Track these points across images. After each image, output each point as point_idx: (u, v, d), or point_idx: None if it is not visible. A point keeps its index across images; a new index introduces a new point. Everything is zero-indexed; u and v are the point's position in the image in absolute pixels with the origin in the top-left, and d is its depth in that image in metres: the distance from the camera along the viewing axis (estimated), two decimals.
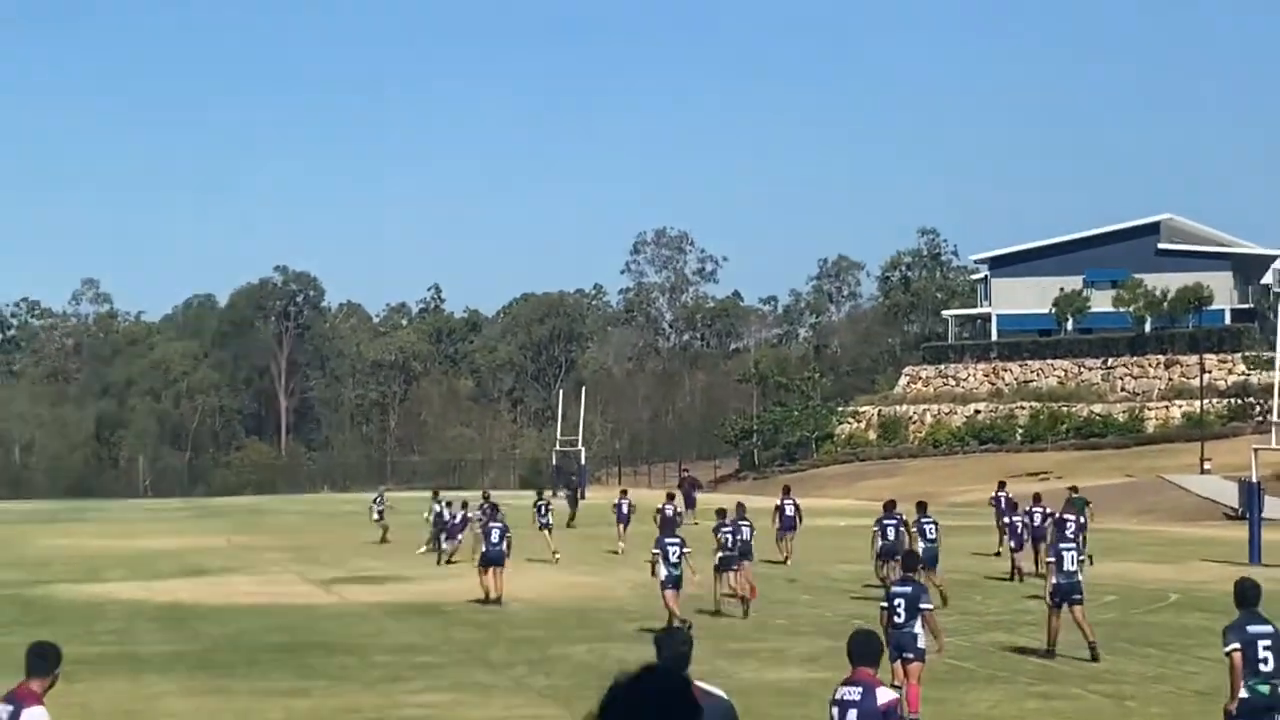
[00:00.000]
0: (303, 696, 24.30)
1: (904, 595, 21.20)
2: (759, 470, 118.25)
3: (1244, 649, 15.78)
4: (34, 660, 12.15)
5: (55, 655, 12.31)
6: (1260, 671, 15.69)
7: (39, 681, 12.05)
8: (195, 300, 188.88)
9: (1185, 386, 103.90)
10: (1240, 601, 16.31)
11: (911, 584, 21.43)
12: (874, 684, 12.30)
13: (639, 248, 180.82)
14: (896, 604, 21.13)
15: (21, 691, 11.94)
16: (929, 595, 21.59)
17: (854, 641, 12.74)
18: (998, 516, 49.36)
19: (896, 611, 21.02)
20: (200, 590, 41.49)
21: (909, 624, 20.90)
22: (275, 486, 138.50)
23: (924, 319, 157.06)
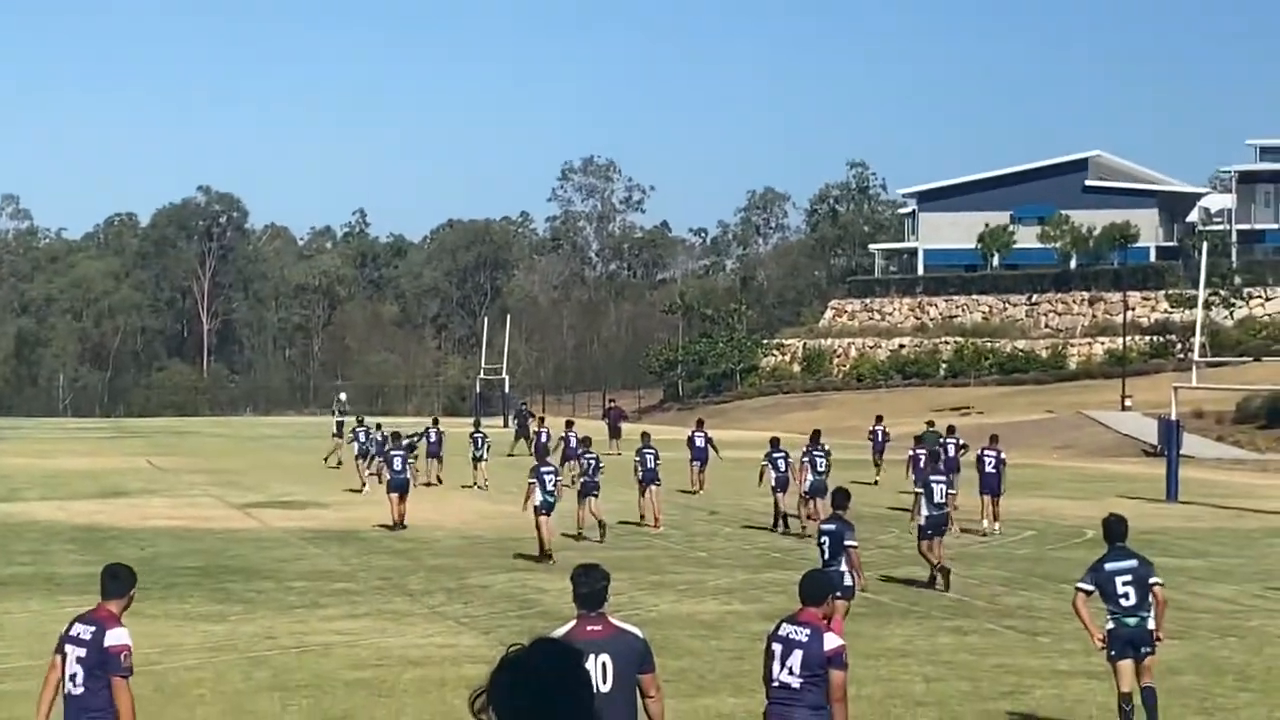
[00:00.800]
0: (219, 621, 24.20)
1: (829, 533, 21.49)
2: (683, 401, 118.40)
3: (1100, 587, 16.42)
4: (109, 582, 12.34)
5: (130, 576, 12.49)
6: (1123, 605, 16.31)
7: (116, 602, 12.26)
8: (117, 219, 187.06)
9: (1108, 323, 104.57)
10: (1107, 537, 16.91)
11: (838, 521, 21.63)
12: (821, 627, 12.21)
13: (566, 175, 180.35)
14: (822, 541, 21.42)
15: (101, 613, 12.14)
16: (854, 533, 21.66)
17: (805, 581, 12.64)
18: (874, 450, 54.09)
19: (822, 549, 21.29)
20: (118, 512, 41.22)
21: (834, 562, 21.10)
22: (197, 409, 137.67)
23: (851, 252, 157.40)
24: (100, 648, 11.85)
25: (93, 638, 11.91)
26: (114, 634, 11.90)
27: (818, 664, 11.96)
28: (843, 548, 21.06)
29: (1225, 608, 26.49)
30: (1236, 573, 31.16)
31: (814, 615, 12.24)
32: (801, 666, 11.98)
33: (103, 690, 11.88)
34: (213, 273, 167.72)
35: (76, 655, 11.94)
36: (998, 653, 22.02)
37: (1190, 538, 37.59)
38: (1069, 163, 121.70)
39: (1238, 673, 20.71)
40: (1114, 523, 17.08)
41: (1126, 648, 16.40)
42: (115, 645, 11.87)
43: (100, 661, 11.84)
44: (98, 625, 12.00)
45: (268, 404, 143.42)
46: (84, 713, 11.98)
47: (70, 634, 12.14)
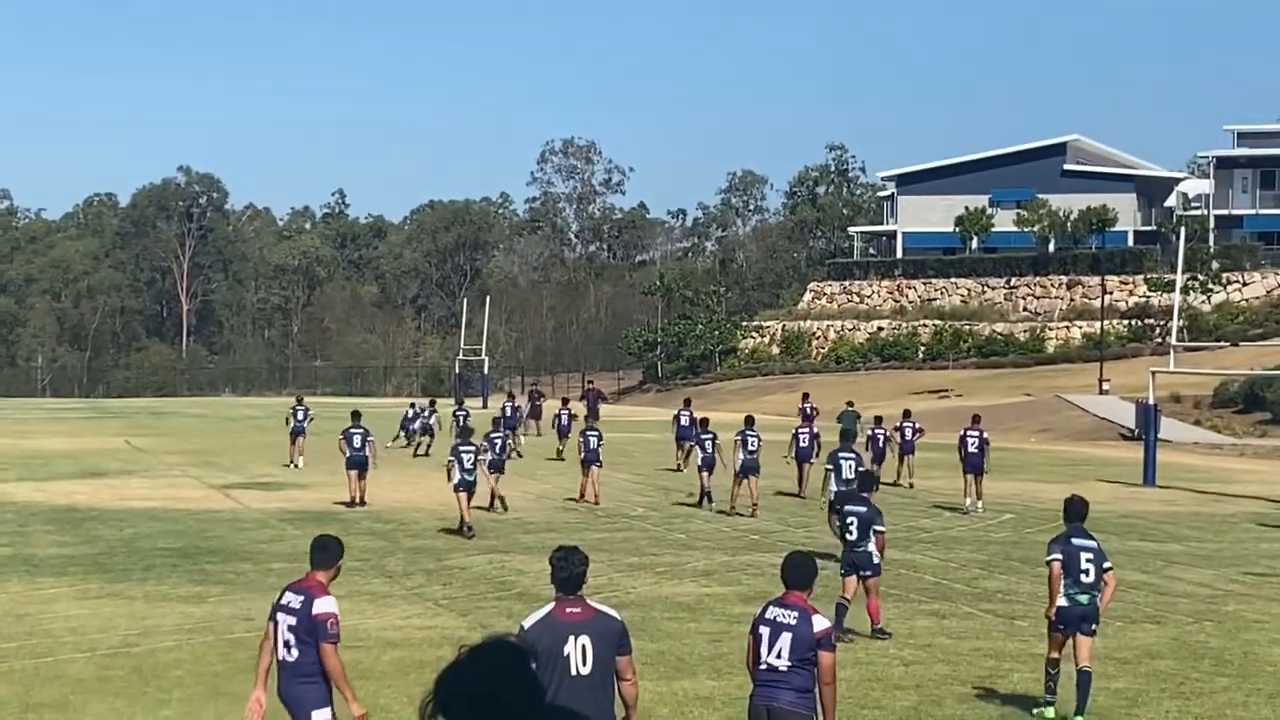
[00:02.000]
0: (198, 602, 24.17)
1: (858, 515, 21.98)
2: (662, 383, 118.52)
3: (1066, 560, 17.03)
4: (318, 553, 12.92)
5: (338, 548, 13.02)
6: (1081, 582, 17.00)
7: (324, 573, 12.82)
8: (96, 199, 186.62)
9: (1086, 307, 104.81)
10: (1068, 516, 17.53)
11: (867, 504, 22.17)
12: (809, 610, 12.23)
13: (546, 157, 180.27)
14: (850, 522, 21.89)
15: (309, 582, 12.71)
16: (882, 519, 22.30)
17: (788, 565, 12.66)
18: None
19: (850, 529, 21.82)
20: (97, 492, 41.13)
21: (862, 542, 21.76)
22: (176, 389, 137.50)
23: (830, 235, 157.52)
24: (309, 615, 12.41)
25: (302, 606, 12.47)
26: (321, 602, 12.46)
27: (807, 646, 11.99)
28: (871, 530, 21.76)
29: (1203, 592, 26.57)
30: (1214, 557, 31.25)
31: (800, 598, 12.27)
32: (790, 649, 12.02)
33: (313, 655, 12.44)
34: (192, 253, 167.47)
35: (288, 623, 12.50)
36: (976, 636, 22.08)
37: (1168, 522, 37.69)
38: (1047, 147, 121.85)
39: (1215, 657, 20.78)
40: (1077, 503, 17.69)
41: (1073, 624, 17.05)
42: (323, 613, 12.42)
43: (309, 628, 12.39)
44: (306, 594, 12.54)
45: (247, 384, 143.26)
46: (296, 677, 12.53)
47: (281, 603, 12.72)
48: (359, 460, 38.36)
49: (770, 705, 12.13)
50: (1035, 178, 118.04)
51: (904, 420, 47.65)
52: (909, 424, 47.14)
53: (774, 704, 12.12)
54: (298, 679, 12.48)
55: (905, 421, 47.36)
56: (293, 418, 51.77)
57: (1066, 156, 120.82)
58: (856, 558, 21.79)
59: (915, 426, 47.31)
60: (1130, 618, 23.62)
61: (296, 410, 52.10)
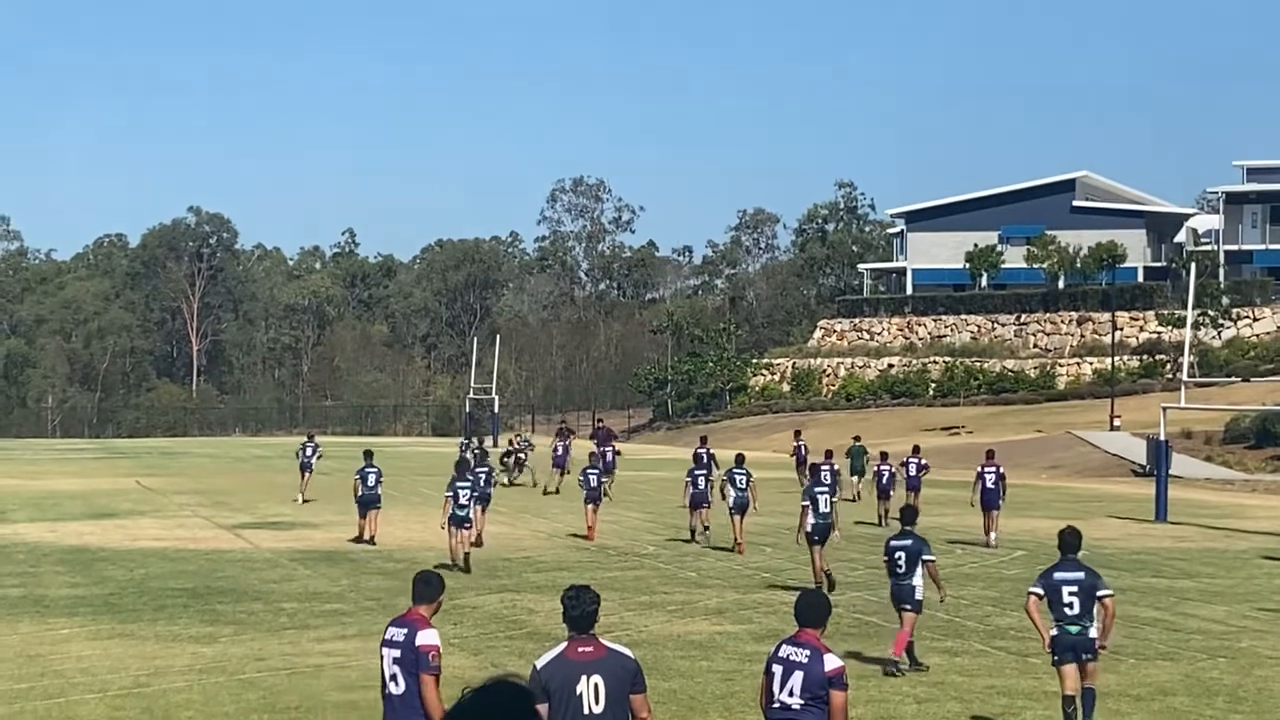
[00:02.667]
0: (209, 642, 24.14)
1: (904, 549, 22.09)
2: (672, 421, 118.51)
3: (1048, 594, 17.47)
4: (420, 588, 12.99)
5: (439, 583, 13.09)
6: (1065, 614, 17.34)
7: (426, 607, 12.91)
8: (107, 239, 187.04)
9: (1097, 344, 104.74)
10: (1060, 547, 17.93)
11: (912, 537, 22.28)
12: (821, 649, 12.18)
13: (556, 196, 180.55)
14: (898, 557, 22.02)
15: (413, 615, 12.81)
16: (929, 548, 22.43)
17: (802, 602, 12.59)
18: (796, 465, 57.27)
19: (898, 564, 21.95)
20: (108, 533, 41.13)
21: (908, 576, 21.89)
22: (186, 429, 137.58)
23: (840, 272, 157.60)
24: (413, 647, 12.58)
25: (405, 639, 12.64)
26: (424, 635, 12.61)
27: (818, 685, 11.95)
28: (920, 562, 21.85)
29: (1216, 629, 26.48)
30: (1226, 594, 31.15)
31: (813, 636, 12.22)
32: (802, 688, 11.97)
33: (418, 687, 12.61)
34: (202, 293, 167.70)
35: (392, 656, 12.68)
36: (989, 674, 22.01)
37: (1180, 558, 37.59)
38: (1057, 183, 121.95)
39: (1229, 694, 20.71)
40: (1067, 534, 18.03)
41: (1068, 653, 17.37)
42: (425, 644, 12.58)
43: (413, 660, 12.56)
44: (410, 627, 12.70)
45: (257, 424, 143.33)
46: (404, 709, 12.69)
47: (386, 638, 12.86)
48: (371, 498, 38.85)
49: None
50: (1045, 214, 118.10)
51: (911, 456, 48.30)
52: (915, 460, 47.72)
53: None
54: (405, 711, 12.67)
55: (912, 457, 48.04)
56: (302, 453, 52.34)
57: (1076, 193, 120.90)
58: (901, 591, 21.99)
59: (920, 463, 47.74)
60: (1143, 654, 23.54)
61: (306, 446, 52.66)
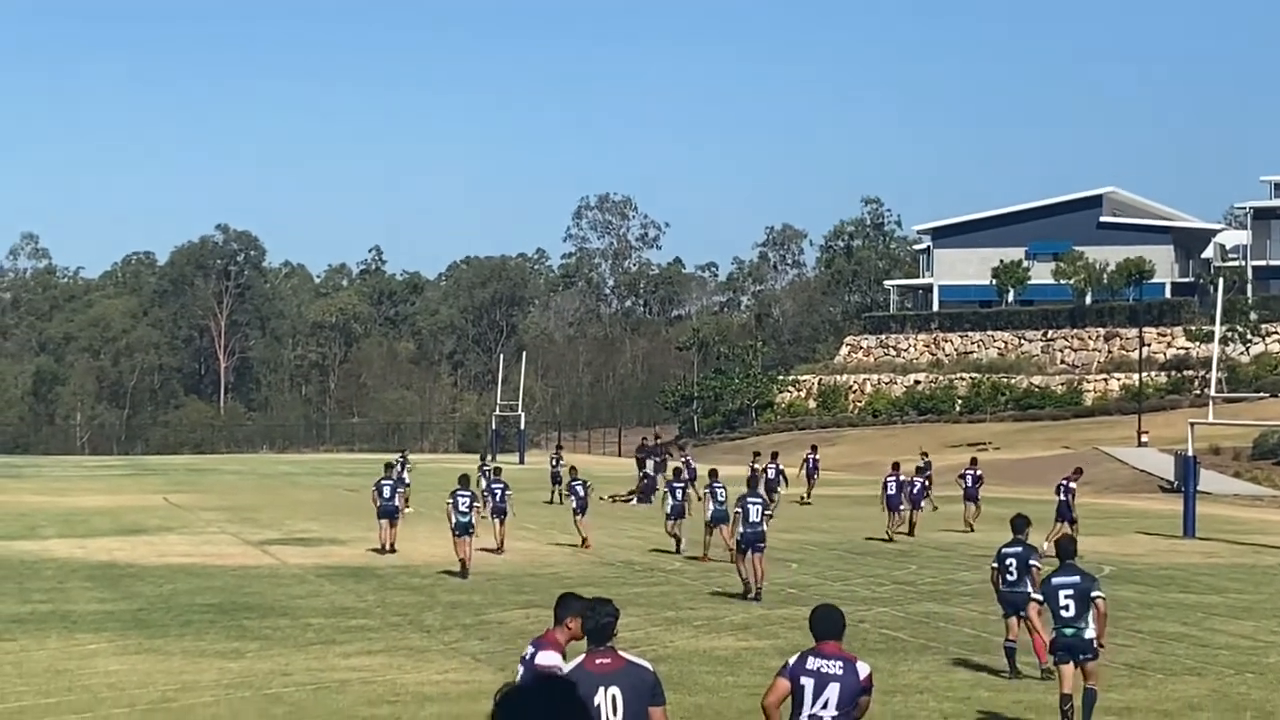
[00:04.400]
0: (236, 658, 24.20)
1: (1015, 555, 22.80)
2: (698, 437, 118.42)
3: (1047, 598, 18.77)
4: (558, 610, 12.72)
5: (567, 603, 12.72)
6: (1062, 617, 18.44)
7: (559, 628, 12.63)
8: (135, 257, 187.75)
9: (1124, 359, 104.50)
10: (1059, 555, 19.12)
11: (1021, 545, 22.96)
12: (851, 658, 12.26)
13: (581, 213, 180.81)
14: (1009, 564, 22.74)
15: (547, 636, 12.64)
16: (1038, 554, 23.05)
17: (820, 616, 12.55)
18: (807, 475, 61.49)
19: (1009, 570, 22.67)
20: (136, 549, 41.26)
21: (1020, 583, 22.43)
22: (214, 446, 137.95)
23: (866, 289, 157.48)
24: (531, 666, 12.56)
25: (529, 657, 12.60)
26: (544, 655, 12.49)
27: (854, 695, 12.05)
28: (1029, 568, 22.35)
29: (1244, 644, 26.39)
30: (1255, 609, 31.04)
31: (838, 647, 12.28)
32: (839, 700, 12.03)
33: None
34: (230, 311, 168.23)
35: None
36: (1015, 689, 21.96)
37: (1208, 574, 37.47)
38: (1083, 199, 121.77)
39: (1256, 709, 20.64)
40: (1065, 543, 19.50)
41: (1065, 654, 18.46)
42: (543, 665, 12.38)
43: None
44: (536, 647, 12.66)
45: (284, 441, 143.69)
46: None
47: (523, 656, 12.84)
48: (389, 510, 40.30)
49: None
50: (1071, 230, 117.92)
51: (968, 467, 49.97)
52: (971, 471, 49.34)
53: None
54: None
55: (969, 469, 49.68)
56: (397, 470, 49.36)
57: (1103, 208, 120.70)
58: (1015, 598, 22.35)
59: (977, 474, 49.46)
60: (1171, 670, 23.48)
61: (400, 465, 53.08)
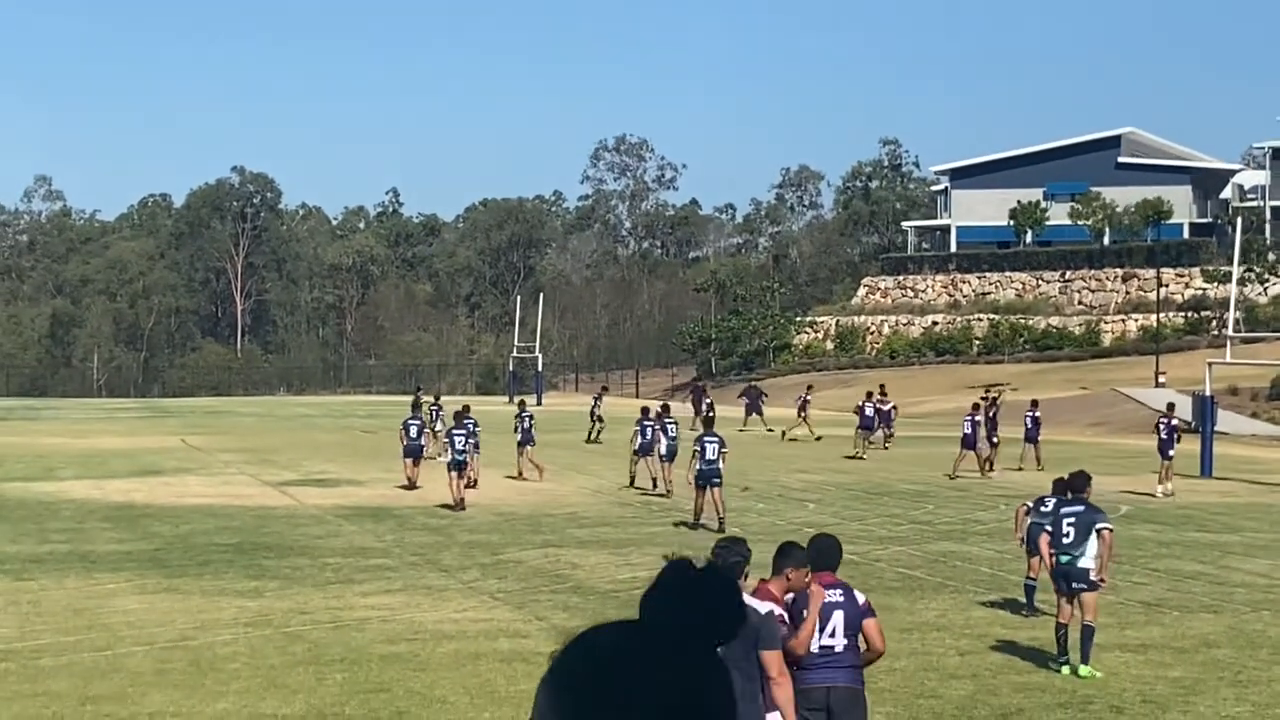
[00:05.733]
0: (254, 596, 24.29)
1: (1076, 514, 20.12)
2: (716, 379, 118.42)
3: (1053, 525, 19.57)
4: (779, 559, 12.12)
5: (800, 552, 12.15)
6: (1062, 544, 19.19)
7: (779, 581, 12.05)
8: (151, 200, 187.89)
9: (1142, 300, 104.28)
10: (1070, 488, 20.14)
11: (1084, 504, 20.49)
12: (850, 586, 12.38)
13: (599, 155, 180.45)
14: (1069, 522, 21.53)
15: (762, 589, 11.81)
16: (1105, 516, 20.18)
17: (821, 546, 12.51)
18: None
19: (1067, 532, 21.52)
20: (154, 490, 41.40)
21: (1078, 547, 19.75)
22: (231, 388, 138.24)
23: (884, 230, 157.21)
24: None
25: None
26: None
27: (858, 620, 12.12)
28: (1093, 530, 19.68)
29: (1261, 582, 26.39)
30: (1271, 547, 31.04)
31: (834, 578, 12.32)
32: (845, 627, 12.10)
33: None
34: (246, 253, 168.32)
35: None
36: (1032, 626, 21.99)
37: (1225, 513, 37.47)
38: (1101, 140, 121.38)
39: (1273, 646, 20.66)
40: (1075, 476, 20.24)
41: (1061, 581, 19.18)
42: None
43: None
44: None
45: (301, 383, 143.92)
46: None
47: None
48: (415, 449, 41.99)
49: (832, 686, 12.12)
50: (1089, 171, 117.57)
51: (1029, 410, 49.99)
52: (1031, 413, 49.54)
53: (835, 684, 12.11)
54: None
55: (1029, 411, 49.78)
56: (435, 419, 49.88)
57: (1121, 149, 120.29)
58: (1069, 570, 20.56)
59: (1035, 415, 49.59)
60: (1187, 607, 23.50)
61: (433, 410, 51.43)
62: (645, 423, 41.86)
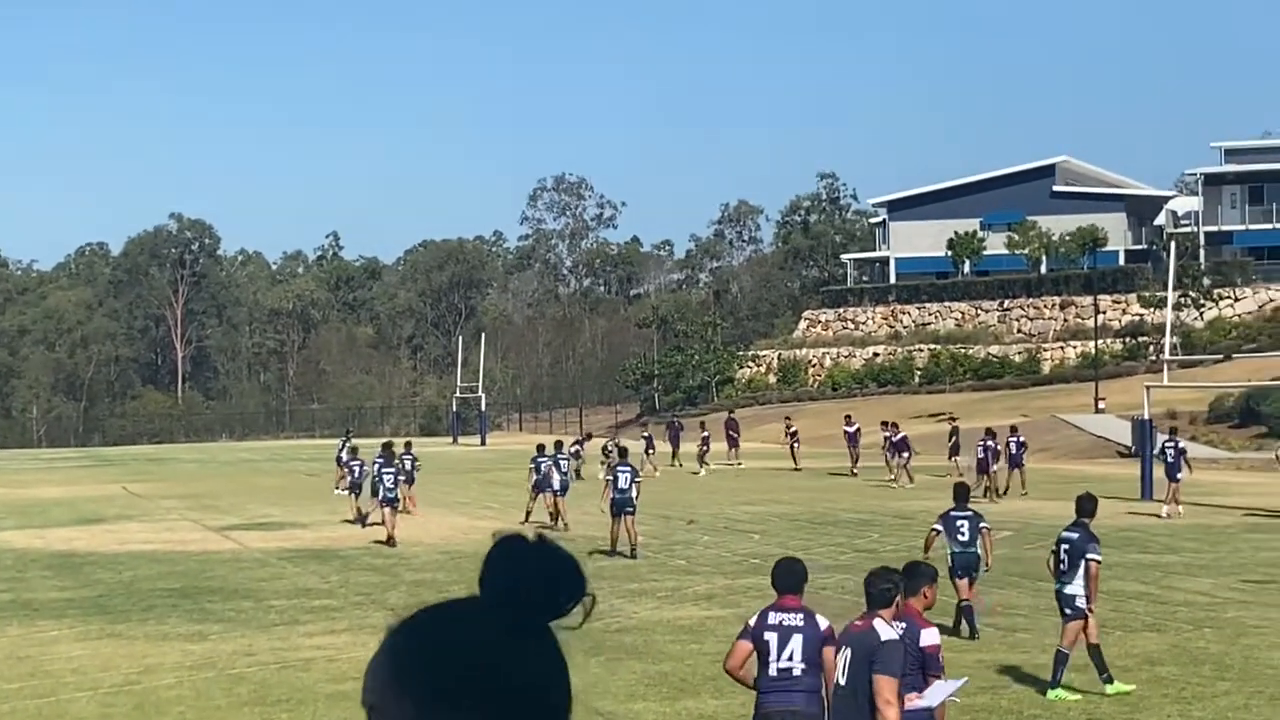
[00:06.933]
0: (198, 640, 24.18)
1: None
2: (659, 415, 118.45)
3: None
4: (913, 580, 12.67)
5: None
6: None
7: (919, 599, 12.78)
8: (88, 248, 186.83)
9: (1080, 327, 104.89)
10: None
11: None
12: (811, 611, 12.42)
13: (537, 194, 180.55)
14: (961, 527, 23.59)
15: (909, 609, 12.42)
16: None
17: (782, 570, 12.64)
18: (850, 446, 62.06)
19: (961, 532, 23.61)
20: (95, 538, 41.15)
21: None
22: (173, 435, 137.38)
23: (823, 263, 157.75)
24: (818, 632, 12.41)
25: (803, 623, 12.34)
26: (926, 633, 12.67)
27: (817, 646, 12.14)
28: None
29: (1202, 600, 26.61)
30: (1212, 567, 31.29)
31: (798, 601, 12.38)
32: (803, 651, 12.14)
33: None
34: (186, 299, 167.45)
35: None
36: (977, 649, 22.11)
37: (1166, 534, 37.74)
38: (1036, 169, 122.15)
39: (1215, 662, 20.82)
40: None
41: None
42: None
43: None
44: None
45: (244, 429, 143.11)
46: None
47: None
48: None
49: (789, 709, 12.16)
50: (1025, 200, 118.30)
51: (1011, 435, 50.62)
52: (1014, 439, 50.12)
53: (793, 707, 12.15)
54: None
55: (1011, 436, 50.38)
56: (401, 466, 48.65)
57: (1055, 178, 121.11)
58: (968, 559, 23.44)
59: (1020, 440, 50.38)
60: (1130, 627, 23.67)
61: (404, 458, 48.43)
62: (539, 459, 42.13)
